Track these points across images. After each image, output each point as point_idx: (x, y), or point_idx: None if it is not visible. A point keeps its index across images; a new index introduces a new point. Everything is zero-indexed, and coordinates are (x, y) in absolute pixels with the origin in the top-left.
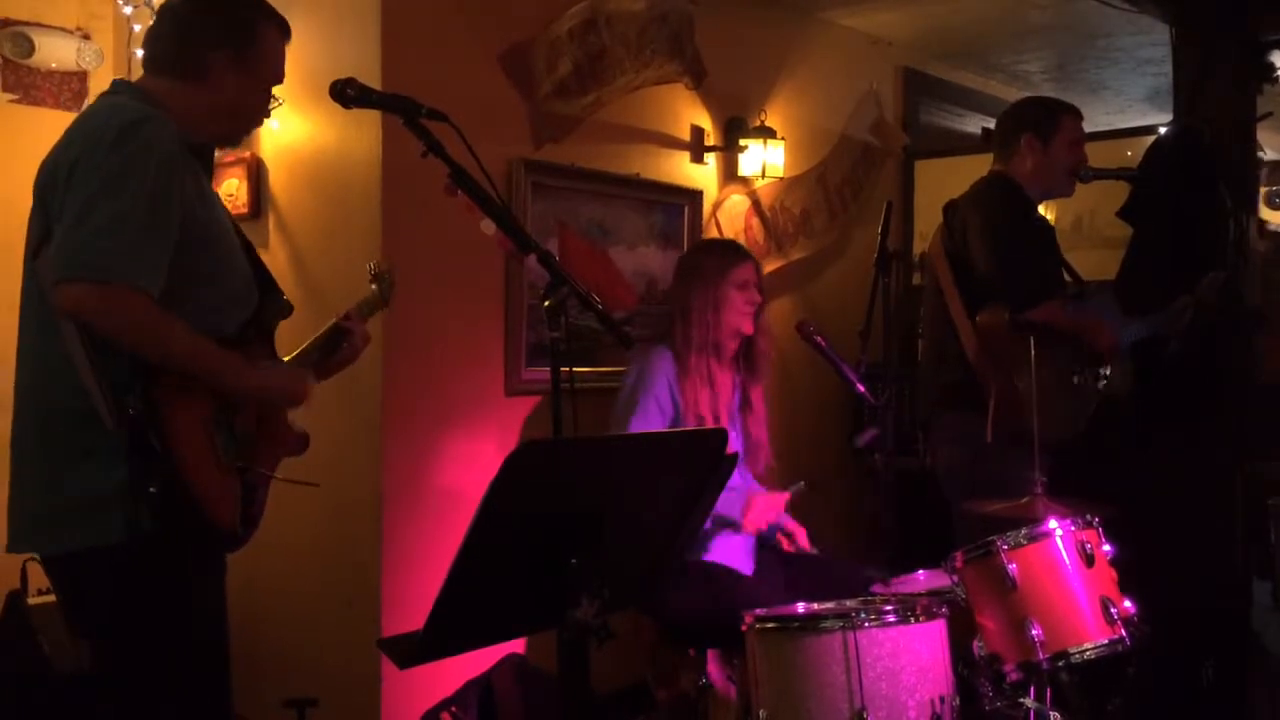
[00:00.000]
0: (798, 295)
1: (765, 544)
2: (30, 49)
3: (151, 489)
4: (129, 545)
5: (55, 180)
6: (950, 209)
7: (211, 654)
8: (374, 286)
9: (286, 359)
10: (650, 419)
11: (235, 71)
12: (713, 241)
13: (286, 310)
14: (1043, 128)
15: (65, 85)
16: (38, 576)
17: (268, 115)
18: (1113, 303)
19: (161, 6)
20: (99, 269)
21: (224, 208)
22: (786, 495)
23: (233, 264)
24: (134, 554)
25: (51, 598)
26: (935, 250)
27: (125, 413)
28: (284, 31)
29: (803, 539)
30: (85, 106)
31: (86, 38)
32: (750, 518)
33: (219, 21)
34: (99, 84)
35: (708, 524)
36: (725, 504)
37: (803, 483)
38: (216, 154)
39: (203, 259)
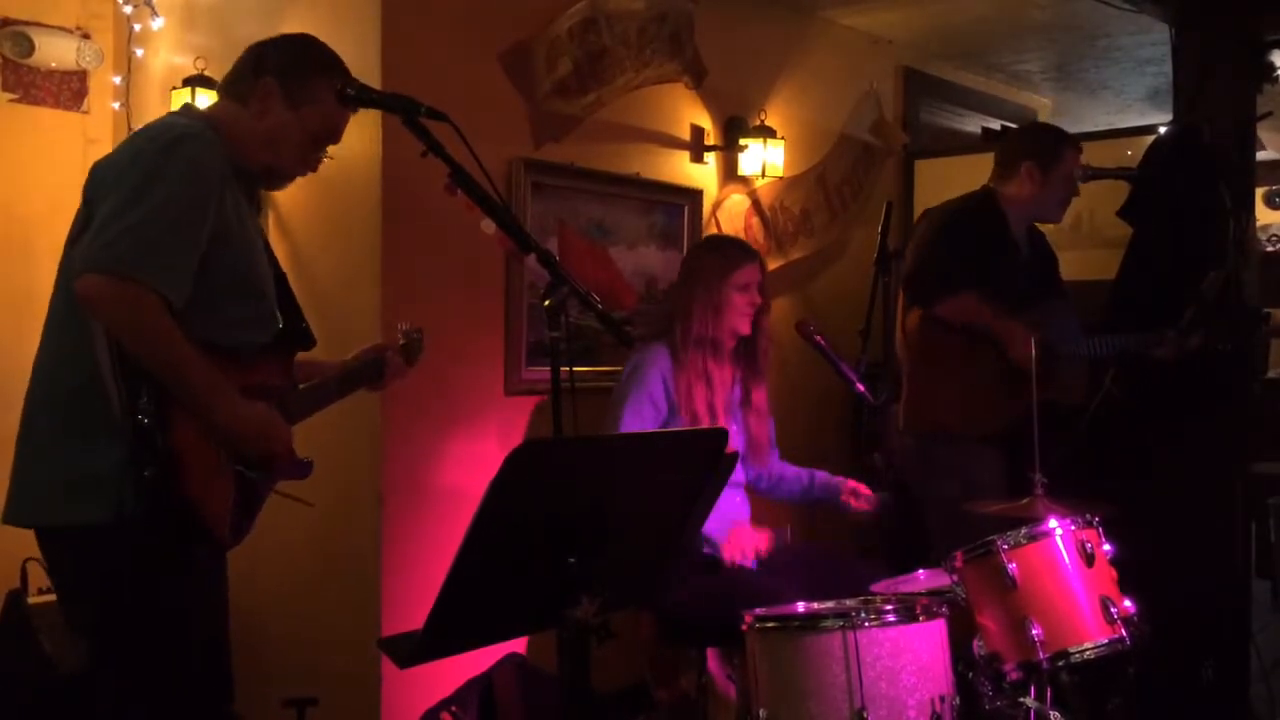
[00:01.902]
0: (798, 295)
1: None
2: (30, 48)
3: (146, 473)
4: (115, 526)
5: (102, 180)
6: (923, 216)
7: (198, 648)
8: (402, 342)
9: (302, 387)
10: (643, 415)
11: (279, 101)
12: (719, 239)
13: (309, 342)
14: (1045, 159)
15: (65, 85)
16: (38, 576)
17: (312, 169)
18: (1071, 319)
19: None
20: (121, 263)
21: (263, 238)
22: (770, 533)
23: (258, 286)
24: (120, 536)
25: (53, 597)
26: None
27: (136, 402)
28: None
29: (867, 492)
30: (84, 106)
31: (86, 37)
32: (730, 547)
33: (283, 56)
34: (99, 83)
35: None
36: (711, 524)
37: (789, 529)
38: None
39: (234, 273)
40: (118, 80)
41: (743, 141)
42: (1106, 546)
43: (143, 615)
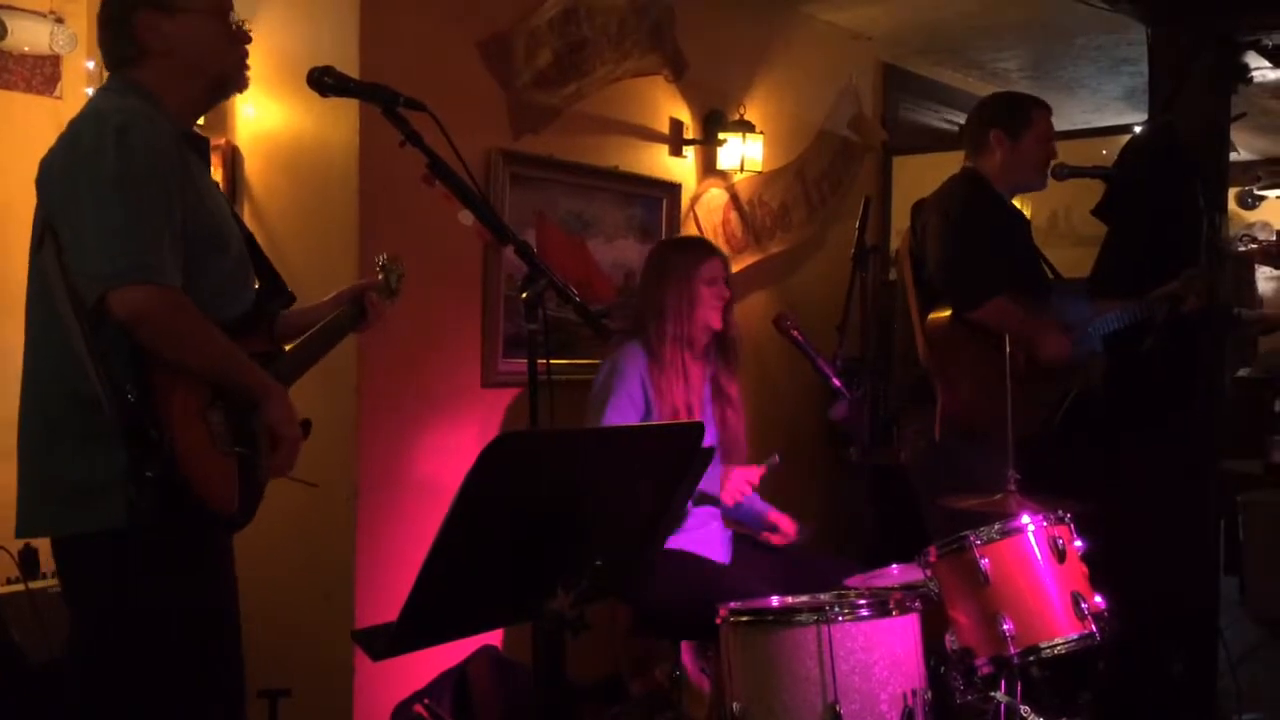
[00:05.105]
0: (775, 289)
1: (747, 535)
2: (3, 32)
3: (149, 474)
4: (130, 530)
5: (51, 178)
6: (917, 208)
7: (218, 635)
8: (381, 276)
9: (288, 349)
10: (624, 412)
11: (167, 21)
12: (679, 239)
13: (288, 300)
14: (1012, 123)
15: (38, 69)
16: (6, 565)
17: (242, 53)
18: (1082, 298)
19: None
20: (140, 269)
21: (222, 197)
22: (762, 469)
23: (229, 254)
24: (136, 539)
25: (20, 586)
26: (902, 250)
27: (124, 399)
28: None
29: (789, 528)
30: (58, 91)
31: (60, 21)
32: (729, 490)
33: None
34: (72, 68)
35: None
36: (704, 480)
37: (776, 456)
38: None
39: (200, 249)
40: (91, 65)
41: (722, 136)
42: (1078, 542)
43: (160, 607)
